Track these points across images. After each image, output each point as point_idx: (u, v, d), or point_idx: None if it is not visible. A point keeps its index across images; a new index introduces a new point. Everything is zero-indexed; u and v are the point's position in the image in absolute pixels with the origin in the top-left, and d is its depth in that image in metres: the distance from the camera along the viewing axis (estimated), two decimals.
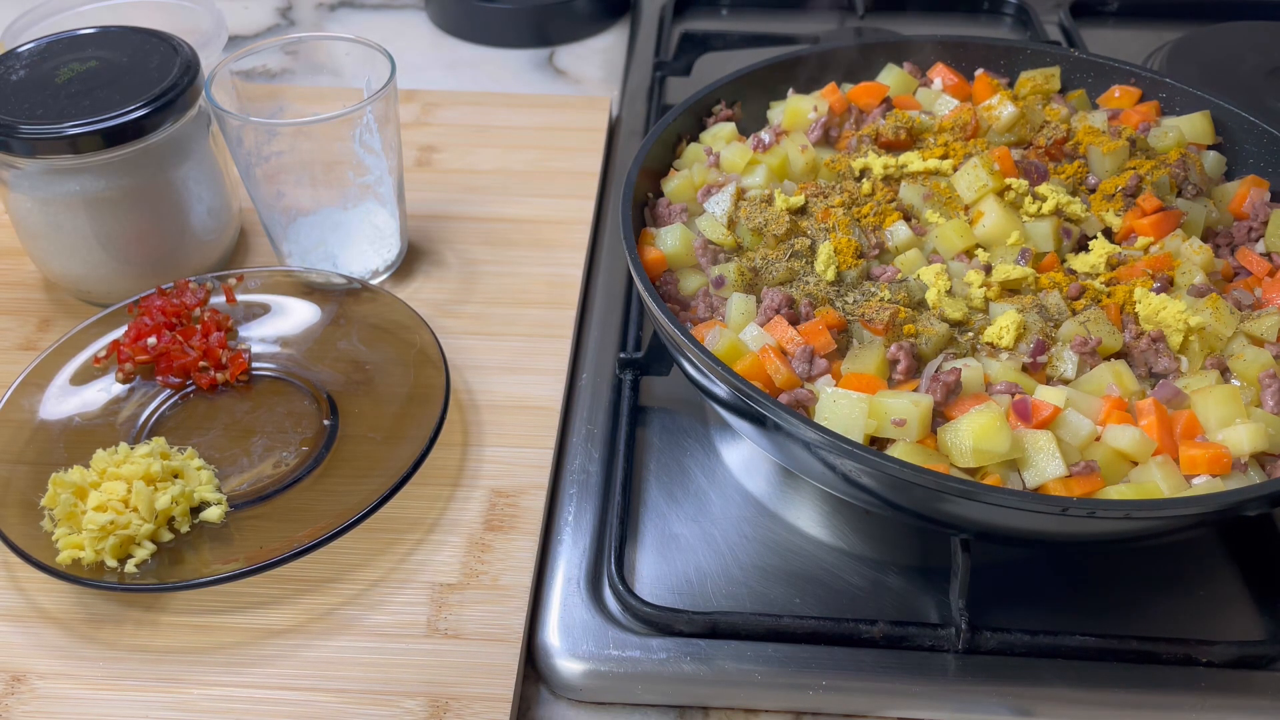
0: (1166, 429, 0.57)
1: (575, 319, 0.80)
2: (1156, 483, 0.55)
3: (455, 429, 0.71)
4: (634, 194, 0.68)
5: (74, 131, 0.70)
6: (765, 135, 0.76)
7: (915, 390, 0.58)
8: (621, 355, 0.74)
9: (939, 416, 0.57)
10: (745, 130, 0.79)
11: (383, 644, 0.60)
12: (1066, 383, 0.60)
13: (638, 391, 0.73)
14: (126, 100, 0.72)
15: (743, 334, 0.62)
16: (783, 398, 0.59)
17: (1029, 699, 0.57)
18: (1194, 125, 0.75)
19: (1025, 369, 0.60)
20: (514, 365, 0.76)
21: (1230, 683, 0.58)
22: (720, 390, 0.57)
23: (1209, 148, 0.75)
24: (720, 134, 0.76)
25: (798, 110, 0.77)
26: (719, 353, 0.60)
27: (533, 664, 0.60)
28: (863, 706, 0.58)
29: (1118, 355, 0.62)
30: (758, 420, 0.56)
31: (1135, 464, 0.56)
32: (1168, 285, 0.64)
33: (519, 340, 0.78)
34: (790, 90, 0.80)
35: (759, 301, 0.64)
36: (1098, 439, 0.57)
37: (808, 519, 0.66)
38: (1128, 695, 0.57)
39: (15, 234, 0.79)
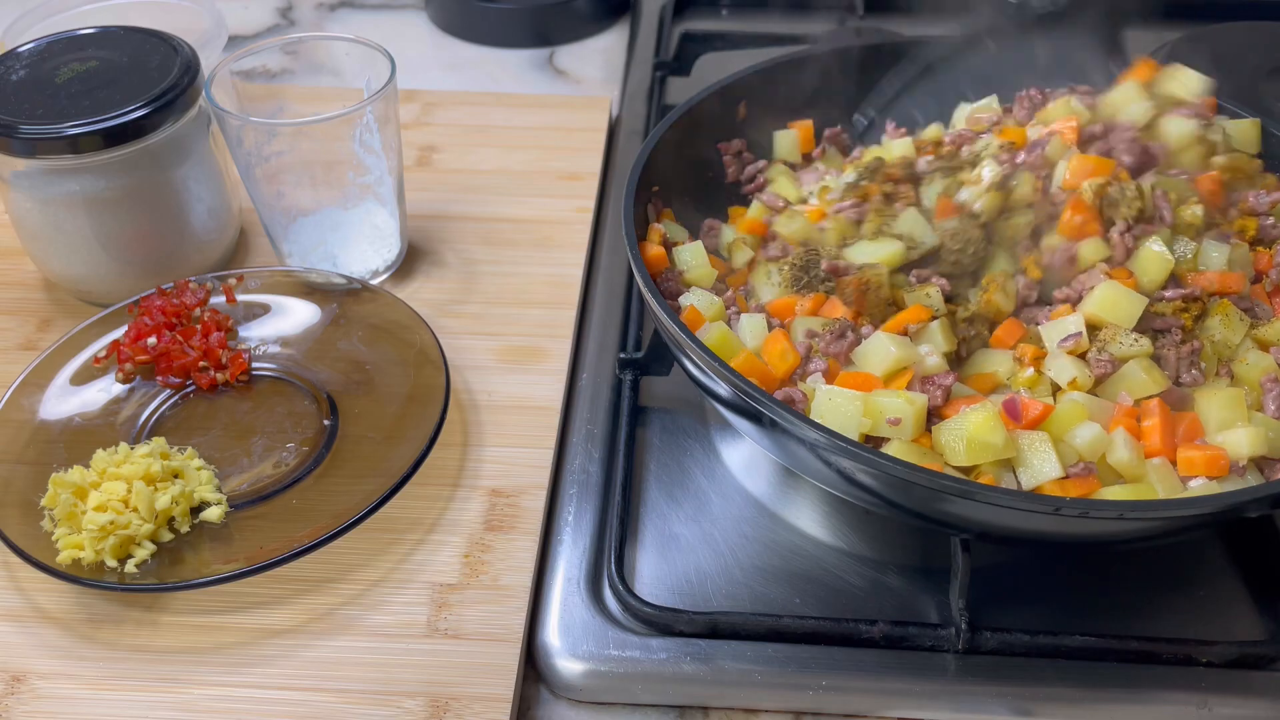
0: (1169, 430, 0.57)
1: (575, 319, 0.80)
2: (1153, 484, 0.55)
3: (455, 429, 0.71)
4: (635, 196, 0.68)
5: (74, 131, 0.70)
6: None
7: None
8: (621, 355, 0.74)
9: (934, 415, 0.58)
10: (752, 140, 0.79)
11: (383, 644, 0.60)
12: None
13: (638, 391, 0.73)
14: (126, 100, 0.72)
15: (740, 328, 0.62)
16: (778, 394, 0.59)
17: (1029, 699, 0.57)
18: (1242, 133, 0.72)
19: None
20: (514, 365, 0.76)
21: (1230, 683, 0.58)
22: (721, 389, 0.57)
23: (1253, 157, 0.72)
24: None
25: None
26: (710, 345, 0.60)
27: (533, 664, 0.60)
28: (863, 706, 0.58)
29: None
30: (756, 418, 0.56)
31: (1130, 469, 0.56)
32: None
33: (519, 340, 0.78)
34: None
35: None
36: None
37: (808, 519, 0.66)
38: (1128, 695, 0.57)
39: (15, 234, 0.79)
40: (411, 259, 0.85)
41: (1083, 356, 0.59)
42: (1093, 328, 0.60)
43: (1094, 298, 0.60)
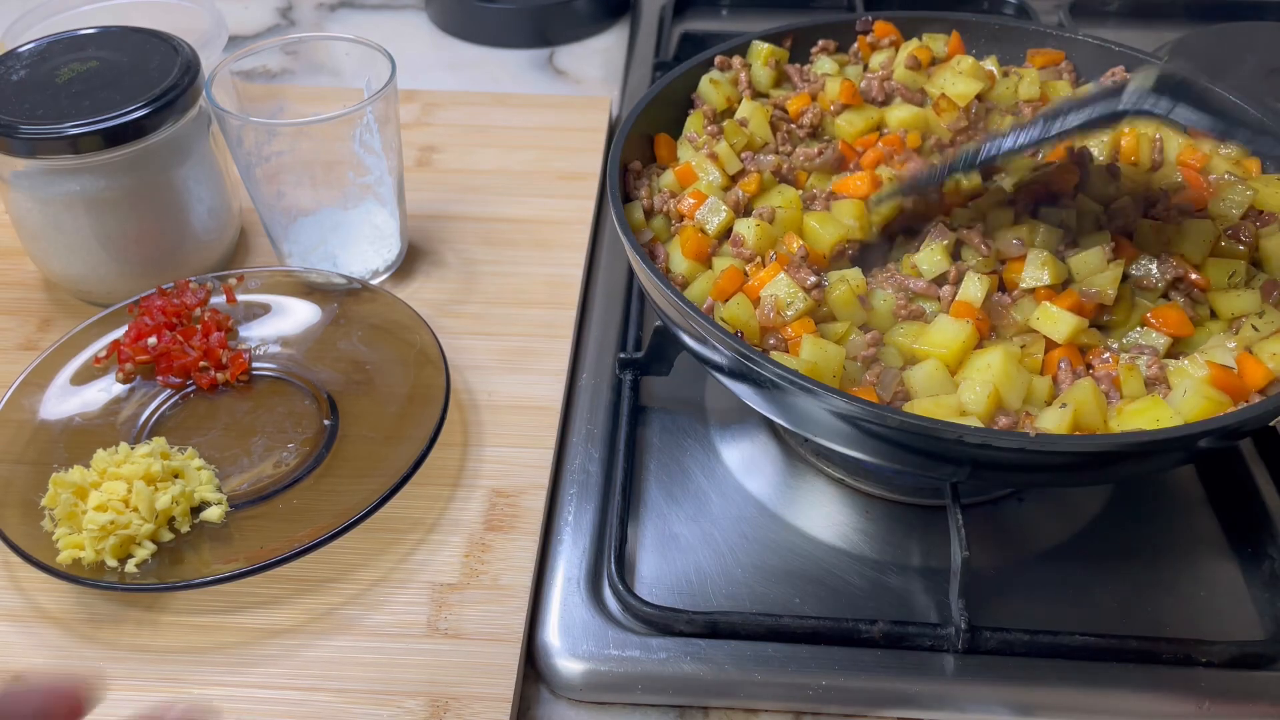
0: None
1: (575, 319, 0.80)
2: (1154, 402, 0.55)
3: (455, 429, 0.71)
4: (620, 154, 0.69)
5: (74, 131, 0.70)
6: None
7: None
8: (621, 355, 0.74)
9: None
10: None
11: (383, 644, 0.60)
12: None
13: (638, 391, 0.73)
14: (127, 100, 0.72)
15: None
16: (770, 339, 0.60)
17: (1029, 699, 0.57)
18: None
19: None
20: (514, 365, 0.76)
21: (1230, 683, 0.58)
22: (698, 327, 0.57)
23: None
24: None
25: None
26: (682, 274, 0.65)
27: (533, 664, 0.60)
28: (863, 706, 0.58)
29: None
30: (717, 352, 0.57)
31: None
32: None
33: (519, 340, 0.78)
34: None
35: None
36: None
37: (808, 519, 0.66)
38: (1128, 695, 0.57)
39: (15, 234, 0.79)
40: (411, 259, 0.85)
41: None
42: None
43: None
